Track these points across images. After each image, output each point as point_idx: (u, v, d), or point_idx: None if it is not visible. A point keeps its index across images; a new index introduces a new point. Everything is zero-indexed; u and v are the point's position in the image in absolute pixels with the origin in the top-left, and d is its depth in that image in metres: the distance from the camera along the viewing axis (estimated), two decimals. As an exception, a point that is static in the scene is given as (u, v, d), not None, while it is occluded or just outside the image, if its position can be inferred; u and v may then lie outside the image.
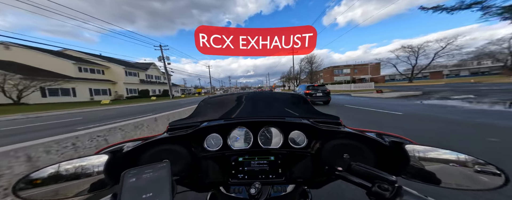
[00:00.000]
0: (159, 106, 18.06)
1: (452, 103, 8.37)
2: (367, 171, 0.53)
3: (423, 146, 0.59)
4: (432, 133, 3.91)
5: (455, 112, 6.04)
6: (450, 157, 0.55)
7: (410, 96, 12.81)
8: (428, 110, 6.81)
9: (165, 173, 0.42)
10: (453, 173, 0.53)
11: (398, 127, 4.60)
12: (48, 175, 0.53)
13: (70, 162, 0.57)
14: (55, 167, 0.55)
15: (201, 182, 0.77)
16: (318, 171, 0.74)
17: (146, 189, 0.38)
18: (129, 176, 0.41)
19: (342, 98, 15.57)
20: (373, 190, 0.46)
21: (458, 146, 3.07)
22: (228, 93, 1.53)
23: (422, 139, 3.56)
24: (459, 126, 4.31)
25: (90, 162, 0.59)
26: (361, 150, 0.70)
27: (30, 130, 7.15)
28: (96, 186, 0.57)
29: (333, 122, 0.86)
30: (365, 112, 7.23)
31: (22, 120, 10.36)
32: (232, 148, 0.79)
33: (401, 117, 5.78)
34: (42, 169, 0.54)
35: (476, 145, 3.08)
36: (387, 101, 10.95)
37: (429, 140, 3.50)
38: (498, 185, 0.48)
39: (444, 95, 11.97)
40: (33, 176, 0.52)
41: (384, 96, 13.47)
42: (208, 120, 0.93)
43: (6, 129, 7.58)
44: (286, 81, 76.61)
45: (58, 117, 11.63)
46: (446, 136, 3.67)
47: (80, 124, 8.00)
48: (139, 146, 0.70)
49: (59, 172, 0.55)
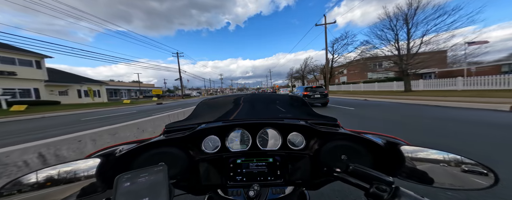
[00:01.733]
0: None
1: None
2: (364, 172, 0.54)
3: (417, 147, 0.61)
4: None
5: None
6: (443, 157, 0.57)
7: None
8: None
9: (162, 176, 0.41)
10: (446, 173, 0.55)
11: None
12: (37, 180, 0.52)
13: (60, 166, 0.55)
14: (44, 171, 0.53)
15: (199, 185, 0.76)
16: (317, 173, 0.75)
17: (142, 194, 0.37)
18: (123, 181, 0.40)
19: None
20: (371, 191, 0.47)
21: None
22: (226, 94, 1.53)
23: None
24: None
25: (81, 166, 0.57)
26: (359, 152, 0.71)
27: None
28: (87, 190, 0.56)
29: (331, 123, 0.88)
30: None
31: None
32: (230, 150, 0.78)
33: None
34: (30, 173, 0.52)
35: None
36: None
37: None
38: (488, 185, 0.49)
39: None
40: (20, 181, 0.51)
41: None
42: (206, 122, 0.93)
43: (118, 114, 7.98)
44: (296, 80, 63.85)
45: (118, 110, 12.79)
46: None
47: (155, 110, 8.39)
48: (134, 149, 0.69)
49: (48, 176, 0.53)
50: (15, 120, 12.01)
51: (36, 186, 0.51)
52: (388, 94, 16.85)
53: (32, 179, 0.52)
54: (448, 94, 12.81)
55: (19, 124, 9.98)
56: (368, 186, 0.49)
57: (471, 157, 0.54)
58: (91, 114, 13.82)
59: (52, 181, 0.53)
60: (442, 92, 14.65)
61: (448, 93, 13.67)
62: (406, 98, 12.20)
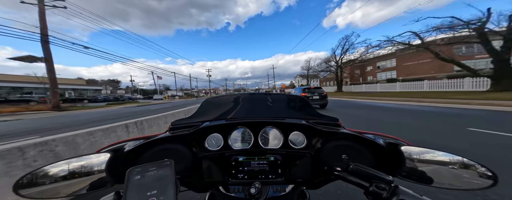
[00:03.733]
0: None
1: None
2: (365, 171, 0.55)
3: (418, 148, 0.61)
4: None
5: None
6: (443, 158, 0.57)
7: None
8: None
9: (169, 171, 0.43)
10: (445, 173, 0.55)
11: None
12: (49, 174, 0.54)
13: (71, 161, 0.57)
14: (56, 166, 0.55)
15: (201, 182, 0.77)
16: (317, 172, 0.76)
17: (150, 187, 0.38)
18: (134, 174, 0.41)
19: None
20: (370, 190, 0.48)
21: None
22: (229, 94, 1.54)
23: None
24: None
25: (91, 161, 0.59)
26: (359, 151, 0.72)
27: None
28: (97, 184, 0.57)
29: (332, 123, 0.88)
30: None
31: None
32: (232, 148, 0.80)
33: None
34: (43, 167, 0.54)
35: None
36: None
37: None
38: (487, 185, 0.50)
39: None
40: (34, 174, 0.53)
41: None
42: (210, 120, 0.94)
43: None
44: (312, 78, 54.99)
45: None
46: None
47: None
48: (141, 145, 0.71)
49: (61, 171, 0.55)
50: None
51: (50, 180, 0.53)
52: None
53: (46, 173, 0.54)
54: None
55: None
56: (368, 184, 0.50)
57: (472, 158, 0.54)
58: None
59: (65, 175, 0.55)
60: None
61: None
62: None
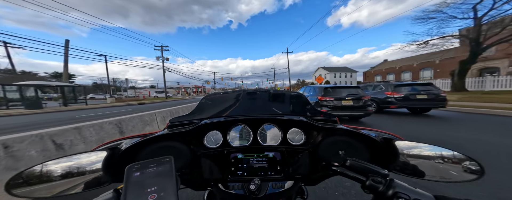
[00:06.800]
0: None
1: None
2: (361, 165, 0.56)
3: (411, 142, 0.64)
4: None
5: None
6: (435, 152, 0.60)
7: None
8: None
9: (169, 167, 0.42)
10: (436, 167, 0.58)
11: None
12: (44, 172, 0.52)
13: (67, 159, 0.56)
14: (51, 163, 0.54)
15: (200, 179, 0.78)
16: (316, 167, 0.77)
17: (150, 184, 0.38)
18: (133, 170, 0.41)
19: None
20: (367, 184, 0.50)
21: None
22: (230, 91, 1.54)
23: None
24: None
25: (87, 159, 0.58)
26: (356, 147, 0.74)
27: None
28: (94, 182, 0.57)
29: (330, 119, 0.90)
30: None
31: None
32: (231, 145, 0.80)
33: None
34: (37, 165, 0.53)
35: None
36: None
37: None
38: (475, 177, 0.53)
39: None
40: (27, 173, 0.51)
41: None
42: (209, 117, 0.94)
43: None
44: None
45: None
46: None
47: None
48: (138, 142, 0.70)
49: (55, 169, 0.54)
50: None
51: (43, 178, 0.52)
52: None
53: (39, 171, 0.52)
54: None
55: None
56: (365, 178, 0.52)
57: (462, 151, 0.57)
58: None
59: (59, 173, 0.53)
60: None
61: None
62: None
